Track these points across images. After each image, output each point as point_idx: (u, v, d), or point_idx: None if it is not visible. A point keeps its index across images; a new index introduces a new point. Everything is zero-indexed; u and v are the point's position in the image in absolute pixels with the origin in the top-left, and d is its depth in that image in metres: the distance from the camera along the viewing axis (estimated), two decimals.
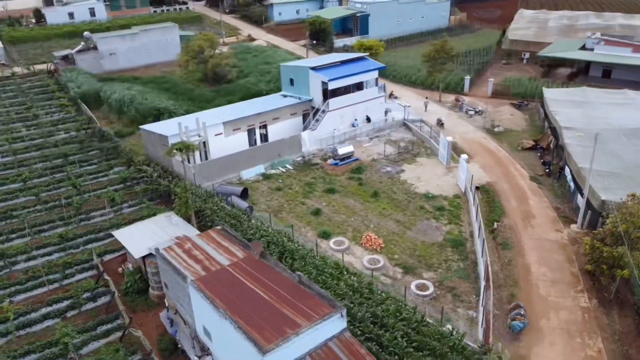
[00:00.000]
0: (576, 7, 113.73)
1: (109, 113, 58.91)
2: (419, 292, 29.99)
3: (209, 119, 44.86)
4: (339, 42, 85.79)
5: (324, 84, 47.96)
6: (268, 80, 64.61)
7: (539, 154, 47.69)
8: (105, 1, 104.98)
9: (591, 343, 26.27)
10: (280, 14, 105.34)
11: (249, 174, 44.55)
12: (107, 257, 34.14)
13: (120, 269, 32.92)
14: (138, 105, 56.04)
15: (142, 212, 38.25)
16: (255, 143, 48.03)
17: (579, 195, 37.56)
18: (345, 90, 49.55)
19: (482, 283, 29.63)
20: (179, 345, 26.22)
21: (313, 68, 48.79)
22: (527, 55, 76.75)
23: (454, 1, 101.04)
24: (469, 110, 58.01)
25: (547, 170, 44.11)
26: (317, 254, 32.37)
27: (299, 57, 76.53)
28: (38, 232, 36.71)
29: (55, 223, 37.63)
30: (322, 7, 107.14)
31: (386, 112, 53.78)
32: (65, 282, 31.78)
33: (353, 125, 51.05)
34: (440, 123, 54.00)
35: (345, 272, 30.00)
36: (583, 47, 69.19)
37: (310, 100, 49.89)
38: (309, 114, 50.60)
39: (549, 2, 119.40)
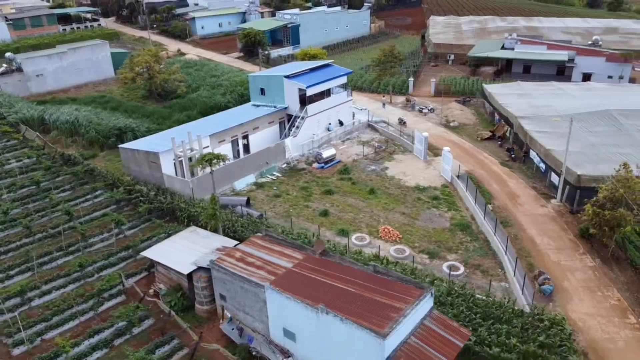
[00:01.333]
0: (475, 12, 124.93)
1: (59, 137, 55.18)
2: (452, 273, 32.43)
3: (195, 133, 44.13)
4: (273, 52, 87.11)
5: (302, 90, 49.24)
6: (222, 93, 64.26)
7: (499, 142, 52.81)
8: (7, 21, 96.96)
9: (610, 294, 30.38)
10: (203, 27, 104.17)
11: (241, 184, 44.54)
12: (131, 280, 32.68)
13: (151, 290, 31.69)
14: (96, 126, 53.23)
15: (151, 232, 36.89)
16: (239, 154, 48.04)
17: (552, 174, 42.59)
18: (320, 96, 51.27)
19: (506, 256, 32.88)
20: (254, 353, 26.14)
21: (287, 76, 49.87)
22: (452, 57, 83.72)
23: (372, 10, 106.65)
24: (422, 108, 62.38)
25: (513, 156, 49.07)
26: (348, 251, 33.70)
27: (241, 70, 76.74)
28: (39, 265, 34.05)
29: (55, 254, 35.07)
30: (244, 21, 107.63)
31: (353, 115, 56.24)
32: (99, 310, 30.05)
33: (328, 130, 52.85)
34: (402, 122, 57.50)
35: (386, 262, 31.73)
36: (503, 47, 77.16)
37: (286, 108, 50.86)
38: (284, 122, 51.60)
39: (450, 9, 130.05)
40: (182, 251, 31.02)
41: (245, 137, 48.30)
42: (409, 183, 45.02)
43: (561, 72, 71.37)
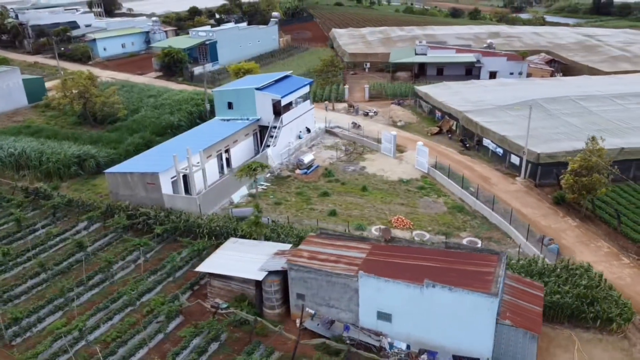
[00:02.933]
0: (362, 24, 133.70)
1: (3, 172, 50.18)
2: (474, 247, 36.60)
3: (182, 150, 43.43)
4: (197, 69, 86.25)
5: (275, 101, 50.67)
6: (170, 112, 62.75)
7: (449, 136, 58.94)
8: None
9: (600, 245, 36.76)
10: (105, 49, 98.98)
11: (237, 197, 44.77)
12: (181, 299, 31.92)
13: (210, 305, 31.24)
14: (53, 155, 49.35)
15: (170, 252, 36.05)
16: (222, 168, 48.01)
17: (512, 156, 49.21)
18: (290, 105, 53.05)
19: (511, 226, 37.97)
20: (347, 342, 27.51)
21: (258, 88, 50.98)
22: (368, 64, 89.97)
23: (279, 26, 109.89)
24: (367, 112, 66.90)
25: (467, 146, 55.28)
26: None
27: (167, 89, 74.65)
28: (67, 302, 31.67)
29: (80, 289, 32.81)
30: (148, 40, 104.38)
31: (315, 122, 58.80)
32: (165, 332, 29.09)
33: (299, 137, 54.75)
34: (357, 126, 61.32)
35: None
36: (416, 53, 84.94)
37: (259, 120, 51.83)
38: (257, 134, 52.52)
39: (341, 23, 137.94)
40: (238, 261, 31.26)
41: (227, 150, 48.46)
42: (391, 178, 48.79)
43: (469, 72, 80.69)
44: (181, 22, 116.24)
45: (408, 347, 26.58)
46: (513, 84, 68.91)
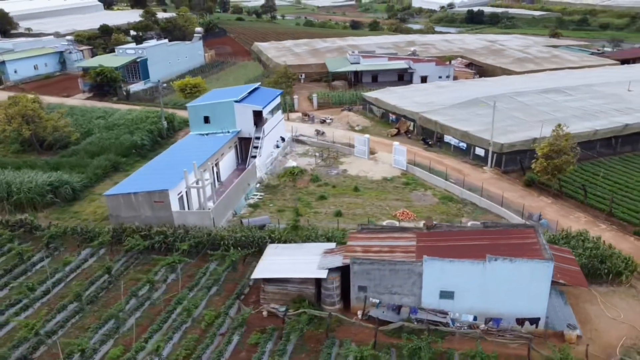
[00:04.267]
0: (277, 38, 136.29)
1: None
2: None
3: (173, 167, 42.91)
4: (133, 88, 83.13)
5: (257, 112, 51.42)
6: (129, 132, 60.45)
7: (408, 136, 63.38)
8: None
9: (577, 215, 42.66)
10: (16, 71, 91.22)
11: (240, 208, 44.97)
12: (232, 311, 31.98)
13: (264, 313, 31.60)
14: (22, 185, 45.64)
15: (200, 268, 35.74)
16: (214, 181, 47.71)
17: (476, 148, 54.61)
18: (269, 115, 54.01)
19: (503, 208, 42.66)
20: (415, 324, 29.66)
21: (237, 101, 51.44)
22: (303, 75, 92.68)
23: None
24: (324, 120, 69.50)
25: (429, 143, 60.00)
26: None
27: (114, 110, 71.43)
28: (117, 327, 30.38)
29: (121, 314, 31.51)
30: (63, 61, 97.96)
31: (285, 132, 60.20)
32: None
33: (277, 146, 55.79)
34: (321, 132, 63.65)
35: None
36: (349, 62, 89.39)
37: (239, 132, 52.15)
38: (237, 146, 52.82)
39: (250, 37, 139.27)
40: (292, 264, 32.21)
41: (217, 164, 48.31)
42: (375, 177, 51.80)
43: (401, 78, 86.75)
44: (92, 41, 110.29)
45: (475, 318, 29.50)
46: (449, 86, 75.70)
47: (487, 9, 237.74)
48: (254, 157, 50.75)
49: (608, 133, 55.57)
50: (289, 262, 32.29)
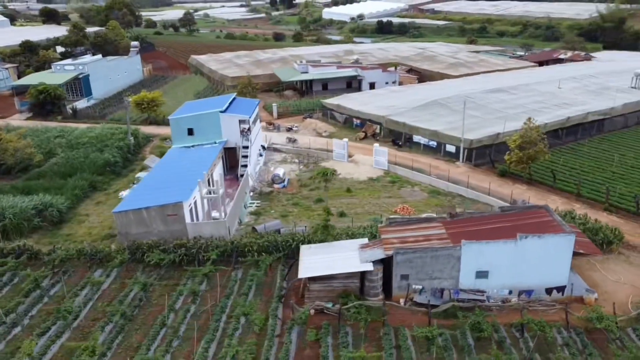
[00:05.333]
0: (204, 51, 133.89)
1: None
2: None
3: (186, 182, 42.37)
4: (78, 105, 79.00)
5: (243, 122, 51.72)
6: (99, 150, 57.92)
7: (377, 138, 66.36)
8: None
9: (554, 199, 47.59)
10: None
11: (243, 217, 45.14)
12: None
13: (312, 311, 32.40)
14: (10, 209, 42.60)
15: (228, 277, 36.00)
16: (210, 192, 47.33)
17: (446, 145, 58.70)
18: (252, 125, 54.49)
19: (490, 197, 46.65)
20: (456, 303, 32.05)
21: (222, 111, 51.45)
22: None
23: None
24: (290, 128, 70.74)
25: (399, 144, 63.34)
26: None
27: (72, 129, 67.67)
28: (169, 342, 29.81)
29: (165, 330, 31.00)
30: None
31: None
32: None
33: (261, 155, 56.23)
34: (293, 140, 64.88)
35: None
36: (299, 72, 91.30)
37: (225, 142, 52.10)
38: (223, 156, 52.72)
39: (179, 51, 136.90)
40: (333, 261, 33.42)
41: (212, 174, 48.01)
42: (361, 178, 54.05)
43: (349, 85, 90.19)
44: (13, 58, 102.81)
45: (510, 292, 32.50)
46: (401, 91, 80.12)
47: (395, 20, 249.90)
48: (245, 166, 50.98)
49: (555, 125, 62.22)
50: (329, 260, 33.43)
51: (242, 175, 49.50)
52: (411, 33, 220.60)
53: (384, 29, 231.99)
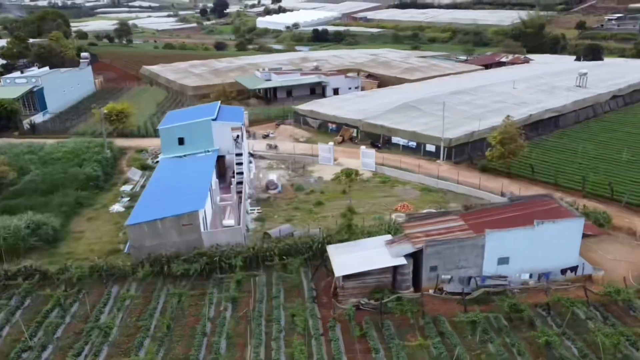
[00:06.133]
0: (150, 62, 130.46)
1: None
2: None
3: (194, 191, 41.81)
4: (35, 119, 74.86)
5: (235, 129, 51.48)
6: (77, 165, 55.50)
7: (355, 141, 67.95)
8: None
9: (536, 189, 51.03)
10: None
11: (249, 223, 45.05)
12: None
13: (353, 305, 33.16)
14: (3, 230, 40.14)
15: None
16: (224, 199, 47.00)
17: (427, 145, 61.29)
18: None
19: (480, 190, 49.48)
20: (478, 288, 33.97)
21: (214, 119, 51.02)
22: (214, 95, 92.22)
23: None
24: (266, 135, 70.90)
25: (378, 146, 65.22)
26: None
27: (39, 145, 64.08)
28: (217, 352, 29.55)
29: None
30: None
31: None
32: None
33: (250, 162, 56.09)
34: (273, 146, 65.15)
35: None
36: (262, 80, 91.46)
37: (217, 151, 51.65)
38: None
39: (124, 62, 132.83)
40: (364, 258, 34.40)
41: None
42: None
43: (313, 91, 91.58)
44: None
45: (530, 276, 34.88)
46: (370, 95, 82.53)
47: (331, 28, 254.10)
48: (240, 173, 50.72)
49: (520, 123, 66.31)
50: (360, 258, 34.36)
51: (240, 183, 49.22)
52: (347, 41, 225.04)
53: (320, 37, 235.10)
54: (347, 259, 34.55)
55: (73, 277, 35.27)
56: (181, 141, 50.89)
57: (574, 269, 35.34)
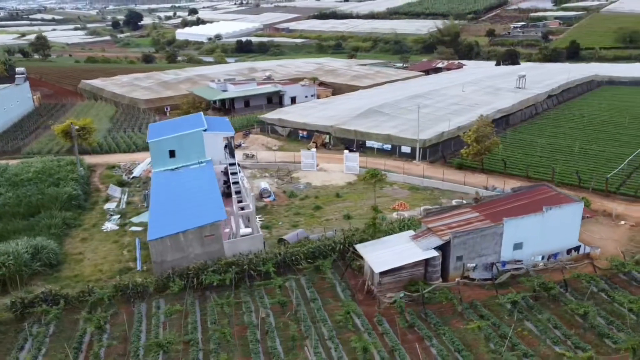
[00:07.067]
0: (83, 76, 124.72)
1: None
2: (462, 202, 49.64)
3: (207, 202, 41.28)
4: None
5: (228, 139, 51.23)
6: (53, 184, 52.28)
7: (329, 147, 69.37)
8: None
9: (513, 183, 55.38)
10: None
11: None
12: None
13: (387, 302, 34.48)
14: (4, 257, 37.22)
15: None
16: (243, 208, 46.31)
17: (401, 147, 64.14)
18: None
19: (466, 186, 52.90)
20: (512, 271, 36.66)
21: (205, 130, 50.39)
22: (169, 108, 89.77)
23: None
24: (237, 145, 70.40)
25: (353, 150, 67.13)
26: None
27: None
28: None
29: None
30: None
31: None
32: None
33: (239, 171, 55.58)
34: (250, 156, 65.02)
35: None
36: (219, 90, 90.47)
37: (210, 161, 50.99)
38: None
39: (52, 77, 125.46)
40: (396, 254, 35.93)
41: None
42: (340, 183, 56.89)
43: (270, 100, 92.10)
44: None
45: (542, 257, 38.13)
46: (331, 102, 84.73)
47: (255, 39, 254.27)
48: (236, 183, 50.49)
49: (475, 123, 71.51)
50: (393, 253, 35.83)
51: (238, 192, 49.00)
52: (272, 51, 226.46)
53: (244, 48, 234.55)
54: (381, 255, 35.88)
55: (104, 298, 33.53)
56: (172, 153, 49.76)
57: (577, 248, 39.14)
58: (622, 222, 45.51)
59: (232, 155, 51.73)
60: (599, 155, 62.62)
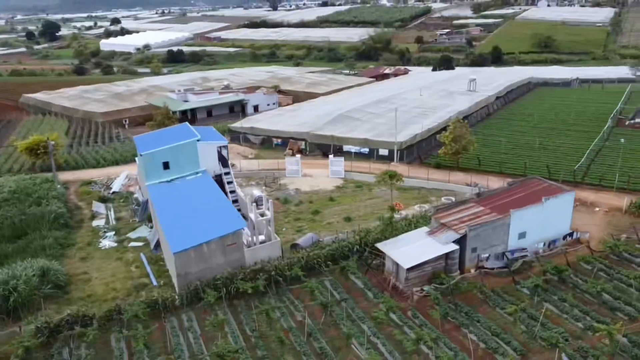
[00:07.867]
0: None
1: None
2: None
3: (230, 213, 40.92)
4: None
5: (221, 148, 50.76)
6: (35, 204, 49.46)
7: (306, 153, 70.18)
8: None
9: (490, 179, 58.92)
10: None
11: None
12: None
13: (416, 295, 36.02)
14: (14, 283, 34.97)
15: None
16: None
17: (379, 150, 66.31)
18: None
19: (450, 184, 55.84)
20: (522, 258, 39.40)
21: (199, 140, 49.67)
22: (127, 120, 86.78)
23: None
24: None
25: (329, 155, 68.40)
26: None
27: None
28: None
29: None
30: None
31: None
32: None
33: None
34: (232, 165, 64.35)
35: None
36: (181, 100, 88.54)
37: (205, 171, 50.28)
38: None
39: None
40: (418, 250, 37.62)
41: None
42: (328, 187, 58.08)
43: (232, 109, 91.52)
44: None
45: (543, 244, 41.30)
46: (299, 109, 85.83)
47: (186, 49, 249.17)
48: (233, 192, 50.25)
49: (443, 124, 75.39)
50: (415, 249, 37.48)
51: (235, 201, 48.88)
52: (205, 61, 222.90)
53: (176, 58, 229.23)
54: (403, 252, 37.43)
55: (138, 315, 32.43)
56: (166, 165, 48.52)
57: (571, 234, 42.78)
58: (597, 209, 50.15)
59: (225, 165, 51.32)
60: (557, 150, 68.12)
